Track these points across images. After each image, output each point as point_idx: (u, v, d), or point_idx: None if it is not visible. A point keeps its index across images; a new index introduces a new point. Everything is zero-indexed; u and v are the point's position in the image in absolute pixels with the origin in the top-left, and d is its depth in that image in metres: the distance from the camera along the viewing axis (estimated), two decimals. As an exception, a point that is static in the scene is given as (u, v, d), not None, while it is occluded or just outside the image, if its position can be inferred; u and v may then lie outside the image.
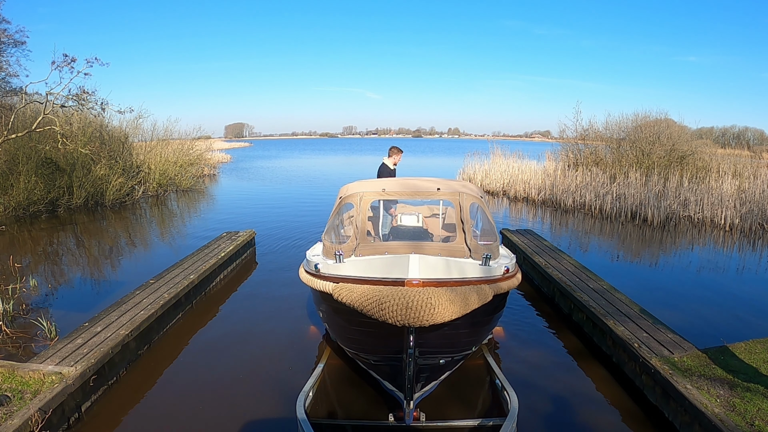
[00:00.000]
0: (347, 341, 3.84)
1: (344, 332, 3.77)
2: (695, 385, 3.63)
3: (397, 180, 4.73)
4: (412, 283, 2.87)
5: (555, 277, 6.36)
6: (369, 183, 4.55)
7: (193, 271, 6.53)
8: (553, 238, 9.87)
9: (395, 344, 3.01)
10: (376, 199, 4.45)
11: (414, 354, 2.94)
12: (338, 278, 3.38)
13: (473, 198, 4.29)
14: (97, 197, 14.42)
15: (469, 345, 3.84)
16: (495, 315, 4.03)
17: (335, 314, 3.58)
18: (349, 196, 4.37)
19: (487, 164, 19.56)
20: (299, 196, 17.92)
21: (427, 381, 3.43)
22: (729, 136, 49.11)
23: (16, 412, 3.29)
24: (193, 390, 4.32)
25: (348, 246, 3.93)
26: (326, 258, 4.01)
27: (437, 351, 3.24)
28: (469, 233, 3.94)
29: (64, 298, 6.68)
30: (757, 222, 11.34)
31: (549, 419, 3.88)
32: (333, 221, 4.54)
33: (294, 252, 9.02)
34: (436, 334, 3.00)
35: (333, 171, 30.78)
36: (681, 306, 6.37)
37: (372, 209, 4.92)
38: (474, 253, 3.82)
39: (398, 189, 4.39)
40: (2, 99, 14.18)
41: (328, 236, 4.39)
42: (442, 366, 3.48)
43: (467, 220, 4.01)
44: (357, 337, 3.54)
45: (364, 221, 4.08)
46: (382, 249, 3.92)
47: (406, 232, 5.11)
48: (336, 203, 4.65)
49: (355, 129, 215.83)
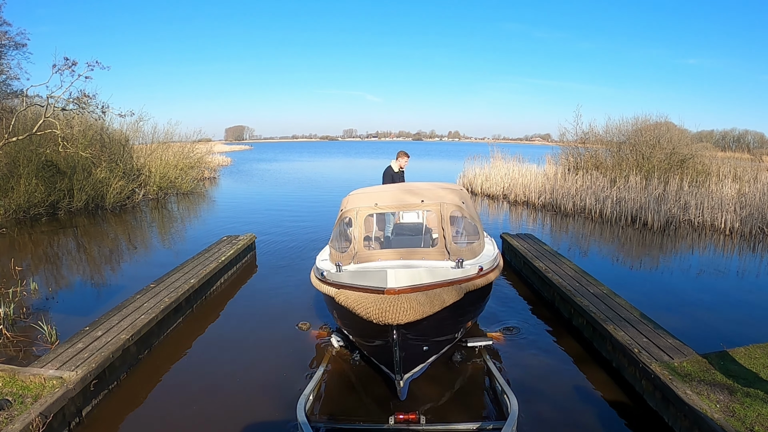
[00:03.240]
0: (350, 331, 4.71)
1: (347, 325, 4.60)
2: (695, 391, 3.63)
3: (389, 193, 5.34)
4: (391, 291, 3.49)
5: (555, 281, 6.37)
6: (364, 197, 5.22)
7: (194, 275, 6.53)
8: (553, 242, 9.88)
9: (384, 336, 3.68)
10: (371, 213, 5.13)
11: (399, 343, 3.59)
12: (339, 285, 4.04)
13: (453, 207, 4.96)
14: (97, 200, 14.45)
15: (451, 333, 4.46)
16: (472, 307, 4.64)
17: (339, 311, 4.29)
18: (348, 210, 5.04)
19: (487, 168, 19.60)
20: (299, 200, 17.94)
21: (415, 363, 4.05)
22: (729, 140, 49.15)
23: (17, 416, 3.29)
24: (193, 394, 4.33)
25: (347, 255, 4.68)
26: (331, 265, 4.66)
27: (419, 340, 3.88)
28: (448, 239, 4.66)
29: (65, 302, 6.68)
30: (758, 226, 11.33)
31: (548, 423, 3.88)
32: (336, 231, 5.25)
33: (294, 256, 9.02)
34: (415, 328, 3.63)
35: (333, 174, 30.84)
36: (681, 310, 6.37)
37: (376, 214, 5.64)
38: (452, 256, 4.52)
39: (389, 203, 5.15)
40: (3, 102, 14.23)
41: (333, 244, 5.19)
42: (426, 351, 4.13)
43: (447, 228, 4.73)
44: (357, 329, 4.31)
45: (361, 234, 4.81)
46: (376, 257, 4.67)
47: (407, 228, 5.92)
48: (339, 214, 5.30)
49: (355, 132, 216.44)
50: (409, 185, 5.79)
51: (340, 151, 75.39)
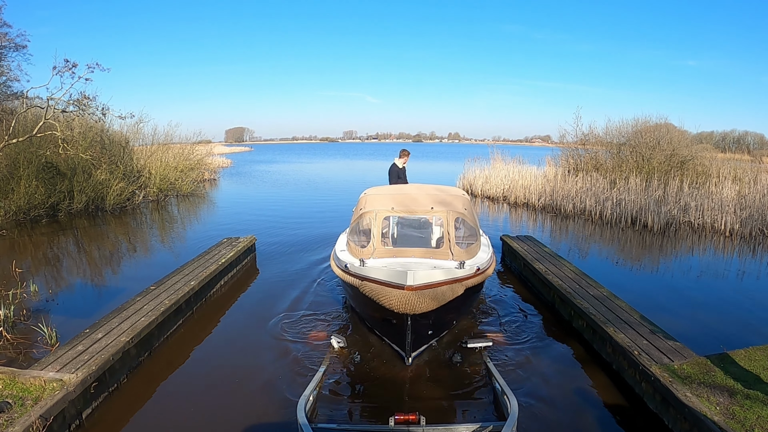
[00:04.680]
0: (366, 316, 5.50)
1: (364, 310, 5.36)
2: (695, 393, 3.63)
3: (403, 197, 6.16)
4: (410, 288, 4.15)
5: (555, 283, 6.37)
6: (381, 200, 6.01)
7: (194, 277, 6.54)
8: (553, 244, 9.87)
9: (399, 322, 4.48)
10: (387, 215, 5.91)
11: (411, 328, 4.44)
12: (362, 277, 4.60)
13: (457, 213, 5.76)
14: (97, 202, 14.45)
15: (450, 322, 5.35)
16: (468, 300, 5.45)
17: (359, 298, 5.00)
18: (368, 212, 5.77)
19: (487, 170, 19.60)
20: (300, 201, 17.96)
21: (420, 344, 4.87)
22: (729, 141, 49.13)
23: (17, 418, 3.29)
24: (193, 396, 4.33)
25: (367, 251, 5.40)
26: (352, 257, 5.39)
27: (426, 326, 4.72)
28: (453, 242, 5.41)
29: (65, 304, 6.68)
30: (758, 227, 11.33)
31: (548, 425, 3.88)
32: (355, 226, 5.94)
33: (295, 258, 9.02)
34: (425, 317, 4.45)
35: (333, 176, 30.86)
36: (681, 312, 6.37)
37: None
38: (455, 257, 5.24)
39: (403, 207, 5.92)
40: (3, 103, 14.25)
41: (352, 237, 5.91)
42: (430, 335, 4.97)
43: (452, 232, 5.49)
44: (372, 313, 5.08)
45: (379, 233, 5.55)
46: (392, 253, 5.38)
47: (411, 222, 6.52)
48: (357, 209, 6.15)
49: (355, 133, 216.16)
50: (419, 188, 6.55)
51: (340, 152, 75.40)
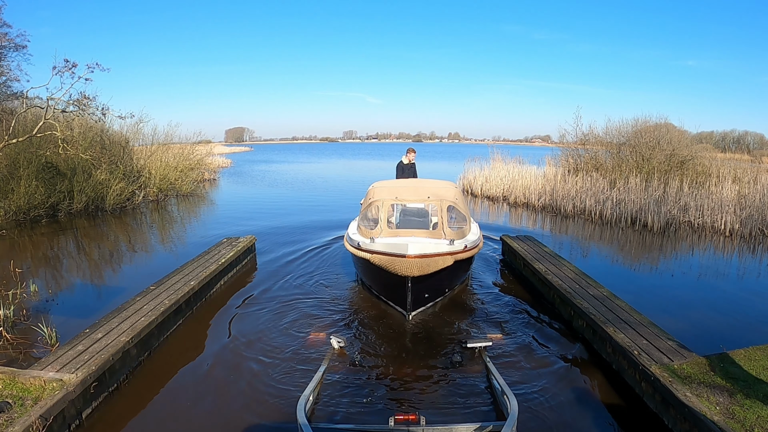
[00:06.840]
0: (373, 284, 6.61)
1: (373, 279, 6.48)
2: (695, 393, 3.63)
3: (406, 188, 7.24)
4: (409, 256, 5.24)
5: (555, 283, 6.37)
6: (387, 191, 6.99)
7: (194, 277, 6.54)
8: (553, 244, 9.87)
9: (401, 284, 5.57)
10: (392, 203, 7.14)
11: (411, 290, 5.57)
12: (372, 251, 5.69)
13: (449, 201, 6.79)
14: (97, 202, 14.44)
15: (443, 289, 6.39)
16: (459, 271, 6.46)
17: (369, 269, 6.08)
18: (376, 200, 6.77)
19: (487, 170, 19.60)
20: (300, 202, 17.94)
21: (418, 305, 5.96)
22: (729, 141, 49.19)
23: (17, 419, 3.30)
24: (193, 397, 4.33)
25: (376, 232, 6.32)
26: (363, 237, 6.29)
27: (422, 289, 5.76)
28: (445, 224, 6.37)
29: (65, 304, 6.68)
30: (758, 227, 11.33)
31: (548, 425, 3.88)
32: (365, 213, 6.95)
33: (295, 258, 9.02)
34: (420, 279, 5.49)
35: (333, 176, 30.83)
36: (681, 312, 6.37)
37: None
38: (447, 237, 6.15)
39: (405, 197, 7.10)
40: (3, 103, 14.25)
41: (362, 222, 6.92)
42: (426, 298, 6.03)
43: (444, 216, 6.49)
44: (380, 281, 6.26)
45: (385, 217, 6.54)
46: (396, 234, 6.32)
47: (412, 212, 7.79)
48: (367, 200, 7.15)
49: (355, 133, 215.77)
50: (418, 182, 7.80)
51: (340, 152, 75.33)
